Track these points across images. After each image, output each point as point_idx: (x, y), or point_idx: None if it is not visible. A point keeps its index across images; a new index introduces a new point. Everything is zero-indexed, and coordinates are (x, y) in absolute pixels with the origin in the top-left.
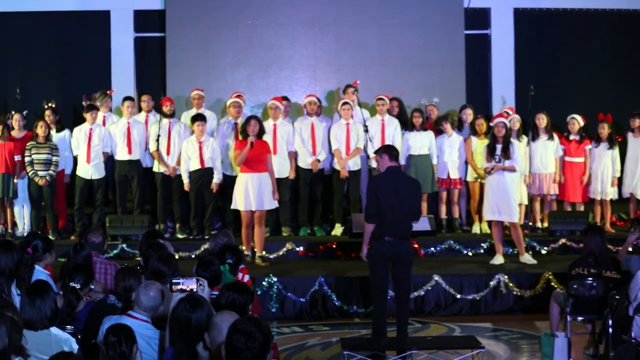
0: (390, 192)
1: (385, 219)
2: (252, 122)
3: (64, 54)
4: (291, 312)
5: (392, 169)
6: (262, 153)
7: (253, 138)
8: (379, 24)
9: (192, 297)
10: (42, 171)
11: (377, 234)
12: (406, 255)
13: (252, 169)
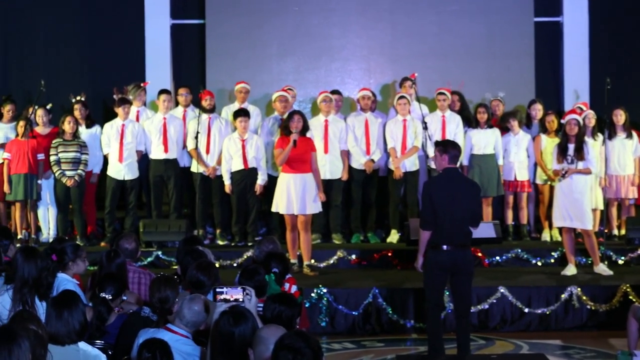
0: (447, 196)
1: (442, 226)
2: (295, 118)
3: (94, 42)
4: (342, 327)
5: (450, 170)
6: (307, 152)
7: (296, 135)
8: (438, 10)
9: (236, 309)
10: (70, 171)
11: (434, 242)
12: (466, 265)
13: (295, 169)
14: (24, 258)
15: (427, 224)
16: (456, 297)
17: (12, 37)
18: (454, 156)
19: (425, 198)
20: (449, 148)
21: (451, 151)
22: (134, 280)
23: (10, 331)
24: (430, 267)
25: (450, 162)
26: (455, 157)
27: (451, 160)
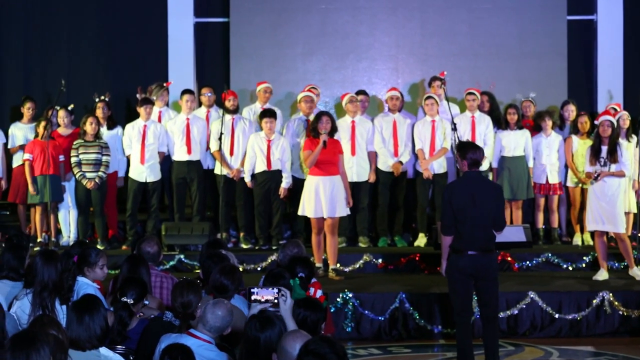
0: (467, 200)
1: (463, 231)
2: (323, 119)
3: (116, 41)
4: (368, 332)
5: (470, 174)
6: (335, 154)
7: (325, 137)
8: (469, 8)
9: (264, 314)
10: (91, 173)
11: (456, 248)
12: (489, 271)
13: (324, 172)
14: (43, 262)
15: (447, 229)
16: (481, 302)
17: (34, 36)
18: (474, 162)
19: (445, 203)
20: (468, 153)
21: (470, 156)
22: (156, 285)
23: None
24: (452, 273)
25: (470, 167)
26: (475, 162)
27: (471, 166)
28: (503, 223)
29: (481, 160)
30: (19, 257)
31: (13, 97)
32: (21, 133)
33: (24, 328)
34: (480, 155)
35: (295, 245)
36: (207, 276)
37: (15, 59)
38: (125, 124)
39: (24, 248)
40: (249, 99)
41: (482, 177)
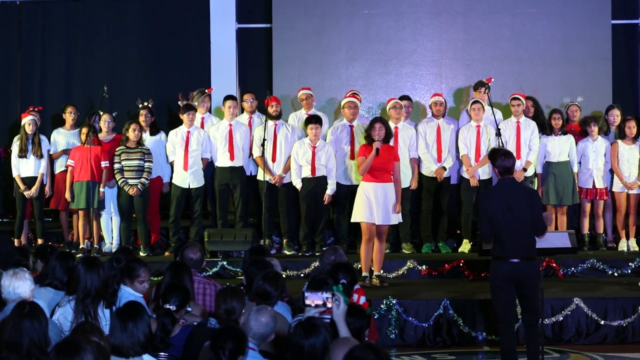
0: (502, 208)
1: (501, 238)
2: (376, 126)
3: (158, 47)
4: (412, 339)
5: (504, 180)
6: (389, 161)
7: (379, 144)
8: (513, 13)
9: (310, 321)
10: (133, 179)
11: (497, 255)
12: (530, 278)
13: (377, 178)
14: (86, 269)
15: (486, 237)
16: (524, 309)
17: (76, 43)
18: (505, 169)
19: (481, 211)
20: (498, 160)
21: (499, 163)
22: (199, 291)
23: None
24: (494, 281)
25: (502, 174)
26: (506, 169)
27: (503, 173)
28: (542, 227)
29: (512, 167)
30: (66, 267)
31: (55, 104)
32: (63, 139)
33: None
34: (511, 162)
35: (333, 252)
36: (250, 283)
37: (57, 67)
38: (168, 130)
39: (71, 258)
40: (291, 105)
41: (516, 183)
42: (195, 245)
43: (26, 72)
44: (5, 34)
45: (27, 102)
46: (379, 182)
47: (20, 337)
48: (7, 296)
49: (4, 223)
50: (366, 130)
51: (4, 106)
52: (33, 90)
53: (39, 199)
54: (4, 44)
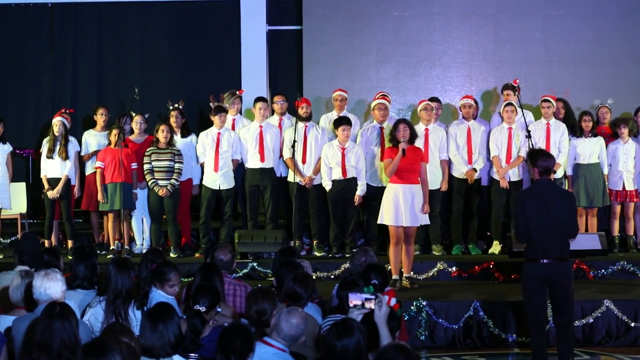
0: (539, 208)
1: (536, 239)
2: (400, 127)
3: (189, 49)
4: (442, 341)
5: (542, 181)
6: (416, 162)
7: (405, 145)
8: (544, 14)
9: (345, 323)
10: (163, 180)
11: (530, 256)
12: (563, 279)
13: (404, 180)
14: (116, 270)
15: (521, 236)
16: (556, 310)
17: (108, 45)
18: (545, 169)
19: (518, 210)
20: (539, 160)
21: (541, 164)
22: (229, 292)
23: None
24: (527, 281)
25: (541, 175)
26: (545, 170)
27: (542, 173)
28: (576, 230)
29: (552, 168)
30: (90, 265)
31: (87, 106)
32: (94, 140)
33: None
34: (551, 163)
35: (364, 253)
36: (281, 284)
37: (89, 69)
38: (199, 132)
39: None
40: (323, 106)
41: (554, 184)
42: (226, 246)
43: (58, 74)
44: (37, 36)
45: (58, 103)
46: (406, 184)
47: (51, 338)
48: (38, 297)
49: (35, 224)
50: (390, 132)
51: (36, 108)
52: (64, 92)
53: (66, 200)
54: (35, 46)
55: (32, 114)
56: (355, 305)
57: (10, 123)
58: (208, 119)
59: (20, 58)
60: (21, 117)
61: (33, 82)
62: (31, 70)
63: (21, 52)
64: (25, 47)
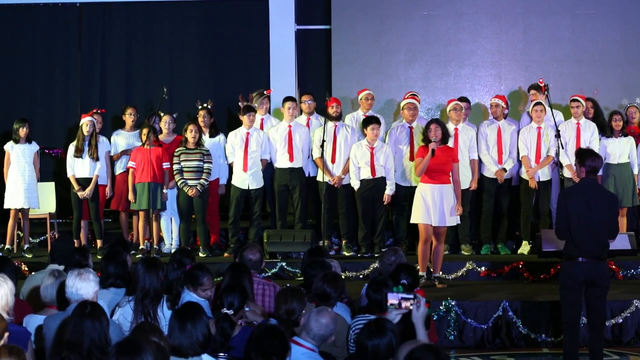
0: (582, 207)
1: (577, 237)
2: (432, 127)
3: (217, 49)
4: (471, 340)
5: (587, 180)
6: (447, 162)
7: (435, 145)
8: (573, 14)
9: (377, 322)
10: (192, 180)
11: (569, 254)
12: (602, 278)
13: (434, 180)
14: (145, 269)
15: (561, 233)
16: (590, 310)
17: (136, 45)
18: (592, 169)
19: (560, 207)
20: (587, 160)
21: (589, 163)
22: (258, 292)
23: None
24: (565, 280)
25: (588, 174)
26: (593, 169)
27: (589, 173)
28: (616, 232)
29: (599, 168)
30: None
31: (115, 106)
32: (123, 140)
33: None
34: (599, 163)
35: (393, 253)
36: (309, 284)
37: (117, 68)
38: (227, 131)
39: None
40: (351, 106)
41: (599, 184)
42: (255, 246)
43: (86, 74)
44: (66, 36)
45: (87, 103)
46: (436, 184)
47: (81, 337)
48: (70, 296)
49: (63, 223)
50: (423, 132)
51: (65, 108)
52: (93, 92)
53: (94, 201)
54: (64, 45)
55: (61, 114)
56: (392, 304)
57: (39, 123)
58: (236, 119)
59: (48, 58)
60: (50, 117)
61: (62, 82)
62: (60, 70)
63: (50, 52)
64: (54, 46)
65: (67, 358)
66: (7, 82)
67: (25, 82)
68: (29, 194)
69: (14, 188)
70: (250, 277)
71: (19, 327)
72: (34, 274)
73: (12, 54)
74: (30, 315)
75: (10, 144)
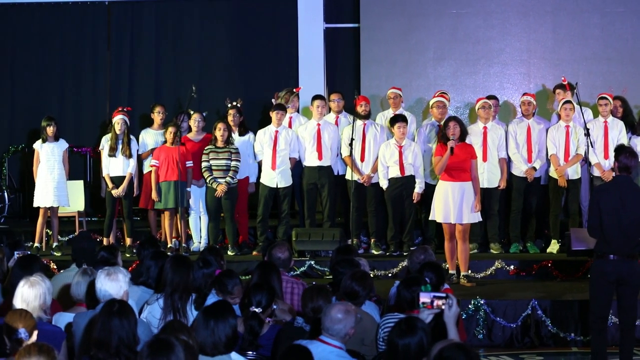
0: (615, 205)
1: (609, 235)
2: (450, 125)
3: (246, 47)
4: (500, 339)
5: (620, 178)
6: (466, 160)
7: (453, 143)
8: (602, 12)
9: (408, 321)
10: (221, 179)
11: (600, 252)
12: (632, 277)
13: (454, 178)
14: (175, 267)
15: (594, 231)
16: (621, 309)
17: (165, 44)
18: (625, 166)
19: (593, 204)
20: (621, 156)
21: (622, 159)
22: (287, 291)
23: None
24: (595, 278)
25: (620, 171)
26: (625, 167)
27: (621, 170)
28: None
29: (633, 167)
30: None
31: (144, 104)
32: (151, 139)
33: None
34: (632, 161)
35: (422, 252)
36: (338, 282)
37: (146, 67)
38: (256, 130)
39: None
40: (379, 105)
41: (633, 182)
42: (284, 244)
43: (115, 72)
44: (94, 34)
45: (116, 102)
46: (455, 182)
47: (109, 335)
48: (99, 295)
49: (93, 222)
50: (441, 129)
51: (93, 106)
52: (122, 90)
53: (127, 199)
54: (93, 44)
55: (89, 113)
56: (424, 303)
57: (68, 121)
58: (265, 117)
59: (77, 56)
60: (78, 116)
61: (90, 80)
62: (88, 68)
63: (78, 50)
64: (83, 45)
65: (95, 356)
66: (36, 80)
67: (54, 80)
68: (59, 192)
69: (44, 186)
70: (279, 276)
71: (55, 327)
72: (61, 272)
73: (41, 53)
74: (59, 313)
75: (39, 142)
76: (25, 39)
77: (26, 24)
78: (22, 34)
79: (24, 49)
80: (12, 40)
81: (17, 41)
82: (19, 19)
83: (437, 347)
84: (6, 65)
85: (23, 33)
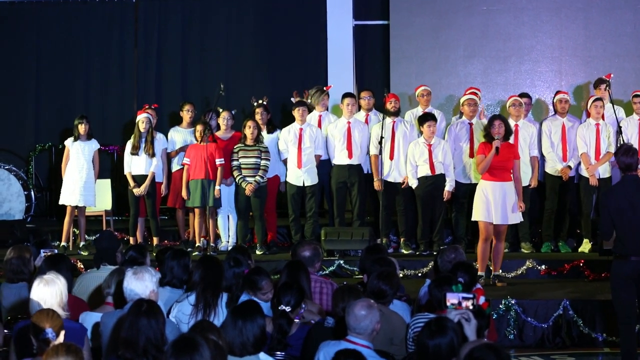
0: (624, 205)
1: (623, 236)
2: (496, 123)
3: (275, 44)
4: (531, 340)
5: (628, 177)
6: (509, 159)
7: (499, 142)
8: (635, 9)
9: (438, 322)
10: (250, 177)
11: (619, 253)
12: None
13: (496, 177)
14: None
15: (606, 235)
16: None
17: (192, 43)
18: (627, 166)
19: (602, 207)
20: (620, 156)
21: (622, 160)
22: (316, 290)
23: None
24: (615, 279)
25: (624, 171)
26: (627, 166)
27: (624, 170)
28: None
29: (633, 163)
30: (183, 265)
31: (172, 103)
32: (180, 137)
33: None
34: (632, 159)
35: (453, 251)
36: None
37: (173, 65)
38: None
39: (187, 255)
40: (409, 102)
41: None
42: (309, 243)
43: (142, 71)
44: (122, 32)
45: (143, 100)
46: (498, 181)
47: (137, 335)
48: (126, 295)
49: (119, 221)
50: (485, 127)
51: (120, 105)
52: (149, 89)
53: (151, 198)
54: (120, 42)
55: (116, 111)
56: (452, 304)
57: (95, 119)
58: (287, 116)
59: (104, 54)
60: (106, 114)
61: (117, 78)
62: (115, 66)
63: (105, 48)
64: (110, 43)
65: (122, 356)
66: (63, 79)
67: (81, 79)
68: (86, 192)
69: (71, 184)
70: (307, 275)
71: (75, 324)
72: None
73: (68, 51)
74: (86, 313)
75: (70, 140)
76: (51, 37)
77: (52, 21)
78: (48, 31)
79: (49, 47)
80: (38, 38)
81: (42, 39)
82: (45, 17)
83: (468, 347)
84: (32, 64)
85: (49, 31)
